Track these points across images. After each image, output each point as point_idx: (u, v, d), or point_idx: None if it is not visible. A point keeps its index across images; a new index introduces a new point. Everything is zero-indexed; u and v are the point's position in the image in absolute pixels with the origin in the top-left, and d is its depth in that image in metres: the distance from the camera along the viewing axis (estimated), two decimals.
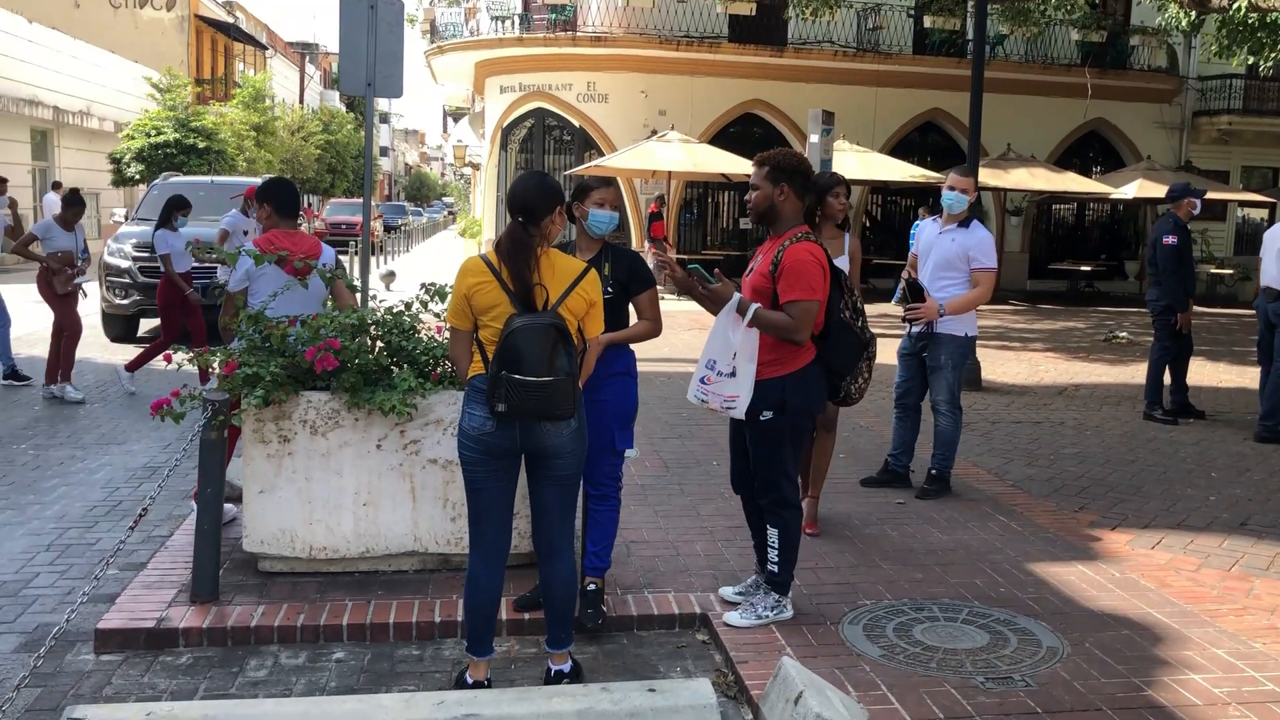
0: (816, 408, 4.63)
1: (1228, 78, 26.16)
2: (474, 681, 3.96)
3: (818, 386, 4.53)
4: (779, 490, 4.51)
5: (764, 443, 4.49)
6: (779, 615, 4.57)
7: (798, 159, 4.50)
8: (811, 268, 4.34)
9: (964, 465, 7.22)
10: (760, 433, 4.47)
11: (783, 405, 4.41)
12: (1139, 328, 17.13)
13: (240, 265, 5.56)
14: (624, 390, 4.65)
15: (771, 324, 4.33)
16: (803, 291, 4.31)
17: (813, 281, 4.33)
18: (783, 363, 4.41)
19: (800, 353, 4.43)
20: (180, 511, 6.03)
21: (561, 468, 3.89)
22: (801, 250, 4.36)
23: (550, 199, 3.84)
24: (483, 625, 3.98)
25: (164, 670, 4.20)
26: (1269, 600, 5.03)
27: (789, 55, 23.42)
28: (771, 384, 4.39)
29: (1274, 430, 8.54)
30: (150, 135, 25.72)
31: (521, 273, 3.74)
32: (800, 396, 4.45)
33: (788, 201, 4.45)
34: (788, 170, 4.44)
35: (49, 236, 9.62)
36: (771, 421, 4.43)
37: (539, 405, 3.68)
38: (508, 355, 3.64)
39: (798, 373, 4.43)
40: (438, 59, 27.12)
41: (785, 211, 4.47)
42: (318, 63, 61.79)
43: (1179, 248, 9.02)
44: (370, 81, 7.85)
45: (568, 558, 4.02)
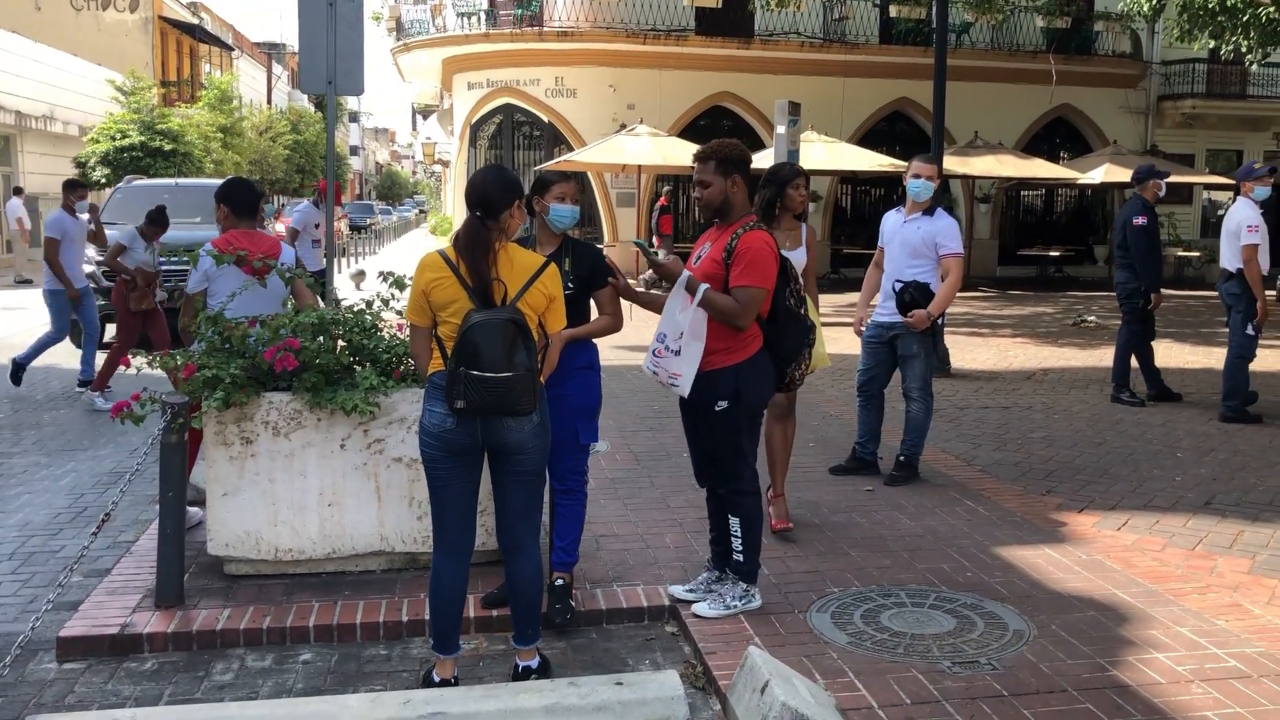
0: (769, 393, 4.69)
1: (1190, 62, 26.39)
2: (441, 680, 3.94)
3: (769, 373, 4.59)
4: (738, 478, 4.54)
5: (722, 432, 4.51)
6: (747, 605, 4.57)
7: (740, 148, 4.57)
8: (765, 256, 4.40)
9: (932, 451, 7.25)
10: (716, 422, 4.50)
11: (737, 394, 4.44)
12: (1107, 312, 17.25)
13: (199, 266, 5.51)
14: (587, 384, 4.64)
15: (718, 307, 4.37)
16: (754, 278, 4.36)
17: (766, 270, 4.39)
18: (732, 351, 4.44)
19: (750, 341, 4.48)
20: (146, 516, 5.98)
21: (524, 463, 3.88)
22: (756, 238, 4.42)
23: (509, 193, 3.83)
24: (448, 623, 3.96)
25: (128, 677, 4.16)
26: (1232, 578, 5.08)
27: (756, 47, 23.45)
28: (724, 373, 4.43)
29: (1237, 409, 8.63)
30: (115, 139, 25.49)
31: (479, 268, 3.72)
32: (754, 384, 4.49)
33: (739, 191, 4.51)
34: (735, 160, 4.51)
35: (133, 247, 9.49)
36: (728, 411, 4.46)
37: (498, 401, 3.66)
38: (466, 351, 3.62)
39: (749, 360, 4.47)
40: (405, 56, 27.02)
41: (737, 201, 4.53)
42: (285, 63, 61.27)
43: (1148, 229, 9.09)
44: (331, 79, 7.81)
45: (533, 553, 4.01)
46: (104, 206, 14.06)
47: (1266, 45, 16.93)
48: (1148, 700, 3.80)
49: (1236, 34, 16.59)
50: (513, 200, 3.83)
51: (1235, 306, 8.56)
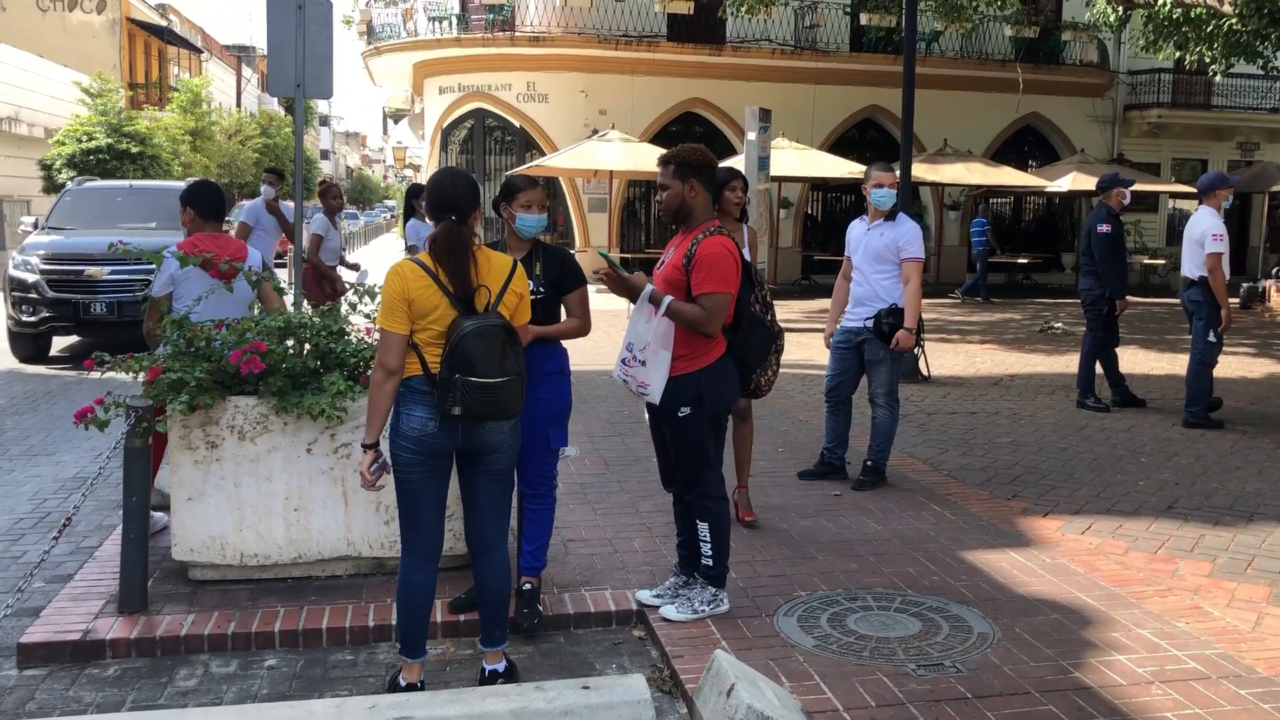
0: (731, 399, 4.66)
1: (1156, 72, 26.73)
2: (408, 684, 3.93)
3: (731, 379, 4.58)
4: (704, 484, 4.54)
5: (685, 438, 4.51)
6: (715, 609, 4.57)
7: (701, 153, 4.53)
8: (725, 261, 4.38)
9: (900, 456, 7.30)
10: (680, 428, 4.50)
11: (699, 399, 4.43)
12: (1074, 318, 17.40)
13: (163, 270, 5.47)
14: (558, 388, 4.65)
15: (684, 316, 4.37)
16: (716, 284, 4.35)
17: (726, 275, 4.38)
18: (695, 357, 4.43)
19: (712, 347, 4.47)
20: (110, 522, 5.93)
21: (497, 463, 3.90)
22: (715, 244, 4.40)
23: (475, 196, 3.89)
24: (417, 627, 3.95)
25: (90, 683, 4.12)
26: (1192, 581, 5.15)
27: (728, 54, 23.53)
28: (686, 379, 4.42)
29: (1200, 415, 8.73)
30: (82, 141, 25.22)
31: (463, 274, 3.73)
32: (716, 389, 4.48)
33: (698, 196, 4.50)
34: (694, 165, 4.48)
35: (329, 236, 9.40)
36: (690, 416, 4.45)
37: (492, 405, 3.71)
38: (460, 359, 3.63)
39: (711, 366, 4.46)
40: (375, 60, 26.90)
41: (697, 206, 4.51)
42: (254, 66, 60.89)
43: (1113, 236, 9.19)
44: (300, 82, 7.77)
45: (502, 553, 4.01)
46: (51, 210, 13.04)
47: (1230, 56, 17.16)
48: (1109, 701, 3.84)
49: (1201, 44, 16.81)
50: (478, 203, 3.87)
51: (1197, 314, 8.67)
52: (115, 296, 11.30)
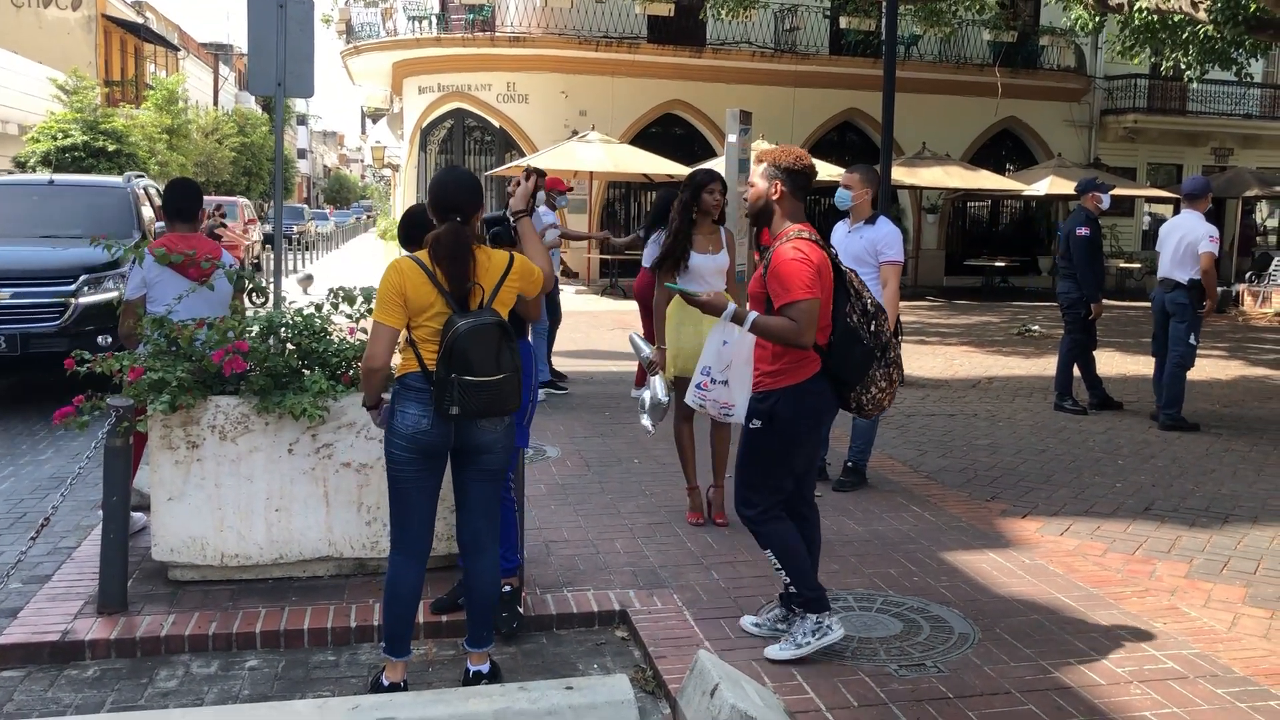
0: (814, 424, 4.24)
1: (1132, 77, 26.95)
2: (390, 684, 3.92)
3: (816, 402, 4.17)
4: (753, 506, 4.22)
5: (748, 450, 4.24)
6: (822, 639, 4.17)
7: (796, 155, 4.26)
8: (799, 266, 4.01)
9: (879, 458, 7.33)
10: (748, 439, 4.24)
11: (772, 417, 4.14)
12: (1051, 321, 17.53)
13: (134, 273, 5.43)
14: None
15: (772, 331, 4.04)
16: (796, 292, 3.98)
17: (803, 279, 3.99)
18: (783, 374, 4.12)
19: (801, 365, 4.10)
20: (88, 522, 5.88)
21: (490, 462, 3.91)
22: (788, 250, 4.06)
23: (478, 195, 3.89)
24: (402, 626, 3.95)
25: (69, 684, 4.09)
26: (1170, 582, 5.20)
27: (708, 56, 23.57)
28: (768, 395, 4.15)
29: (1176, 418, 8.81)
30: (57, 138, 25.00)
31: (461, 274, 3.74)
32: (790, 411, 4.12)
33: (783, 200, 4.22)
34: (783, 167, 4.21)
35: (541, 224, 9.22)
36: (759, 431, 4.17)
37: (489, 403, 3.73)
38: (457, 358, 3.65)
39: (795, 386, 4.11)
40: (354, 59, 26.82)
41: (780, 210, 4.24)
42: (232, 64, 60.51)
43: (1091, 239, 9.26)
44: (280, 81, 7.73)
45: (493, 554, 4.03)
46: None
47: (1205, 62, 17.32)
48: (1089, 701, 3.88)
49: (1176, 50, 16.96)
50: (480, 202, 3.87)
51: (1178, 316, 8.75)
52: (16, 327, 8.52)
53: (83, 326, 8.66)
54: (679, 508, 6.11)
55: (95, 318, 8.73)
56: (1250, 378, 12.14)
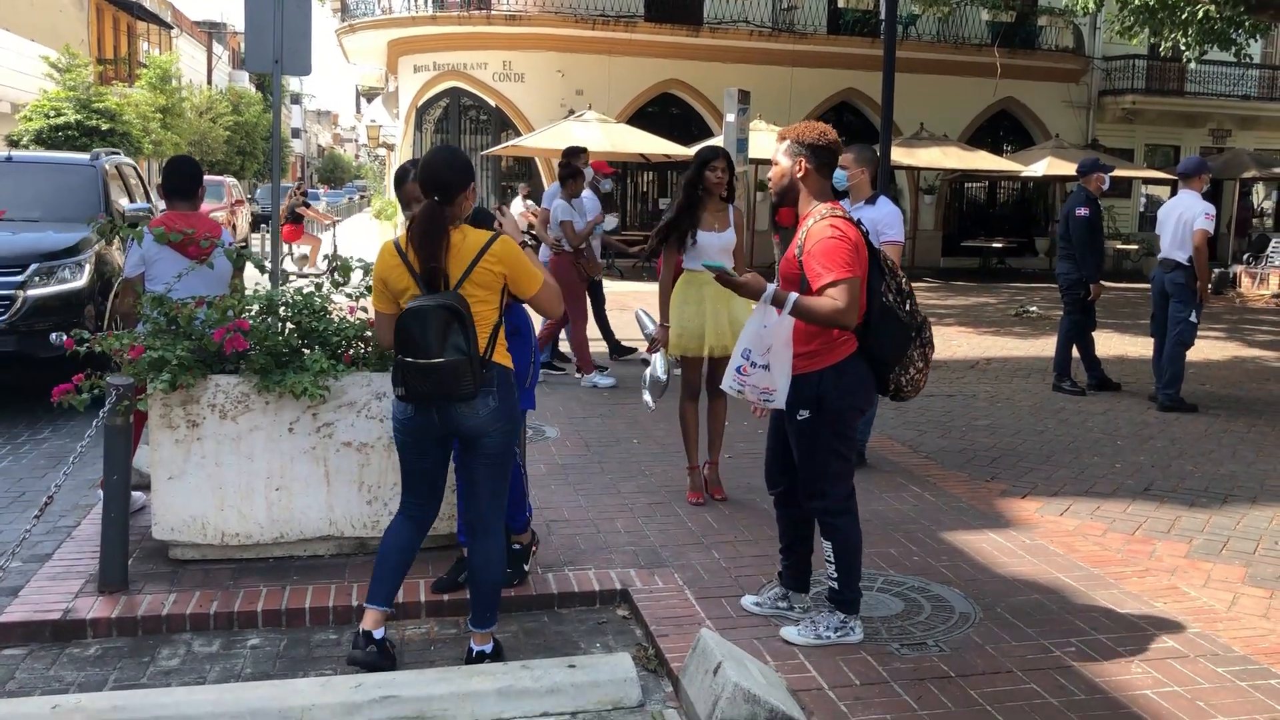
0: (860, 403, 4.17)
1: (1131, 58, 26.88)
2: (363, 631, 3.94)
3: (860, 380, 4.11)
4: (824, 497, 4.13)
5: (804, 443, 4.13)
6: (845, 638, 4.14)
7: (819, 131, 4.15)
8: (838, 244, 3.92)
9: (879, 438, 7.33)
10: (799, 433, 4.13)
11: (819, 402, 4.04)
12: (1049, 302, 17.54)
13: (133, 251, 5.40)
14: (515, 353, 4.60)
15: (816, 313, 3.91)
16: (837, 271, 3.87)
17: (843, 258, 3.89)
18: (819, 355, 4.05)
19: (838, 344, 4.04)
20: (86, 501, 5.86)
21: (487, 446, 3.88)
22: (824, 228, 3.97)
23: (465, 175, 3.83)
24: (388, 574, 3.99)
25: (71, 662, 4.09)
26: (1170, 561, 5.21)
27: (705, 35, 23.46)
28: (807, 379, 4.04)
29: (1175, 398, 8.82)
30: (50, 116, 24.87)
31: (428, 255, 3.72)
32: (839, 392, 4.04)
33: (808, 177, 4.12)
34: (807, 144, 4.11)
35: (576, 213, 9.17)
36: (809, 421, 4.07)
37: (434, 387, 3.68)
38: (401, 338, 3.68)
39: (835, 366, 4.04)
40: (349, 38, 26.67)
41: (807, 188, 4.14)
42: (225, 43, 60.15)
43: (1091, 220, 9.25)
44: (278, 58, 7.68)
45: (497, 537, 4.01)
46: None
47: (1204, 42, 17.28)
48: (1090, 680, 3.89)
49: (1175, 31, 16.91)
50: (468, 183, 3.82)
51: (1177, 296, 8.75)
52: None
53: (33, 323, 7.61)
54: (679, 488, 6.11)
55: (48, 312, 7.70)
56: (1248, 359, 12.15)
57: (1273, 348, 13.15)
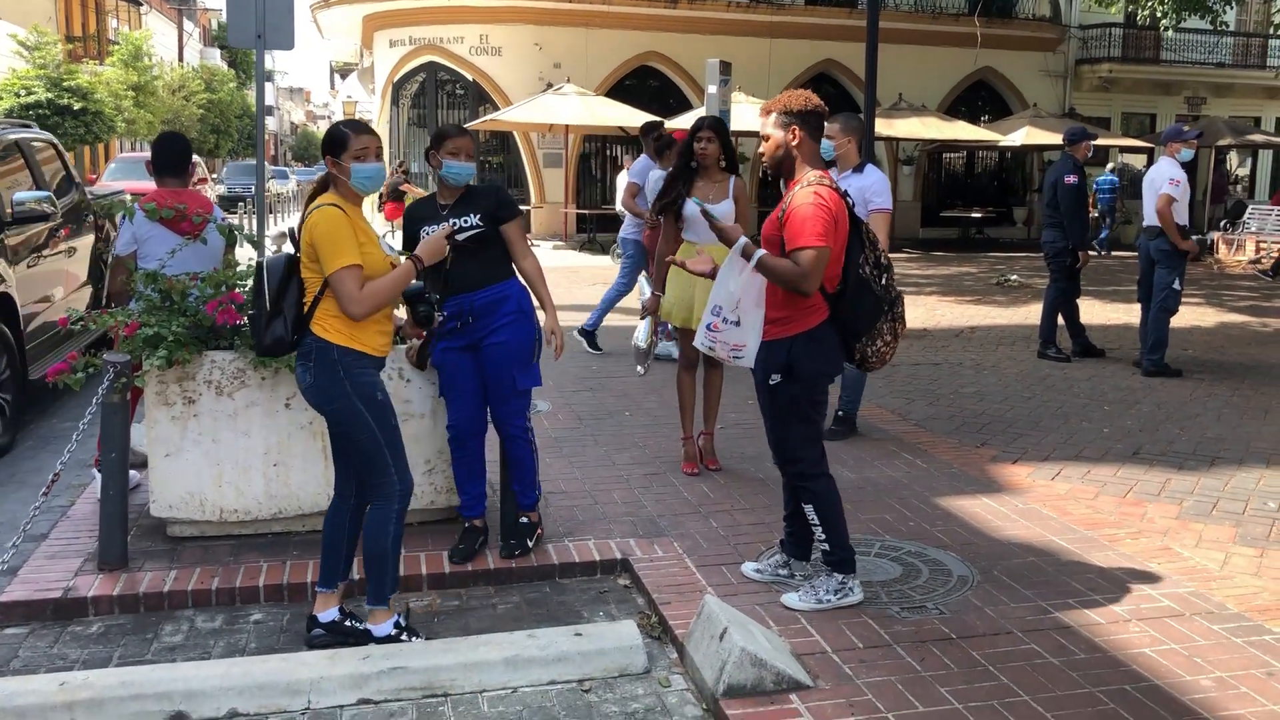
0: (830, 369, 4.21)
1: (1107, 26, 26.95)
2: (309, 615, 4.00)
3: (830, 348, 4.15)
4: (799, 461, 4.19)
5: (776, 409, 4.20)
6: (844, 599, 4.17)
7: (805, 97, 4.15)
8: (817, 212, 3.94)
9: (868, 406, 7.37)
10: (771, 399, 4.19)
11: (790, 368, 4.08)
12: (1029, 271, 17.65)
13: (124, 229, 5.37)
14: (520, 331, 4.63)
15: (777, 271, 3.98)
16: (809, 238, 3.92)
17: (818, 228, 3.92)
18: (790, 322, 4.08)
19: (811, 311, 4.08)
20: (80, 480, 5.83)
21: (327, 419, 3.93)
22: (808, 195, 3.99)
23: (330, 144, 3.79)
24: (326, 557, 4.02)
25: (74, 640, 4.08)
26: (1161, 523, 5.27)
27: (683, 7, 23.36)
28: (778, 345, 4.10)
29: (1159, 364, 8.90)
30: (20, 95, 24.55)
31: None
32: (809, 358, 4.09)
33: (802, 145, 4.12)
34: (797, 112, 4.11)
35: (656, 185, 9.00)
36: (781, 386, 4.12)
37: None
38: None
39: (807, 333, 4.08)
40: (324, 13, 26.37)
41: (801, 155, 4.14)
42: (196, 19, 59.37)
43: (1079, 187, 9.28)
44: (260, 33, 7.59)
45: (377, 507, 3.89)
46: None
47: (1181, 10, 17.33)
48: (1089, 639, 3.94)
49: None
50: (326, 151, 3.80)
51: (1163, 262, 8.81)
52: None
53: None
54: (673, 459, 6.14)
55: None
56: (1229, 324, 12.27)
57: (1253, 313, 13.27)
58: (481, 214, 4.52)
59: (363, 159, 3.75)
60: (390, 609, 3.97)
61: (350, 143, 3.74)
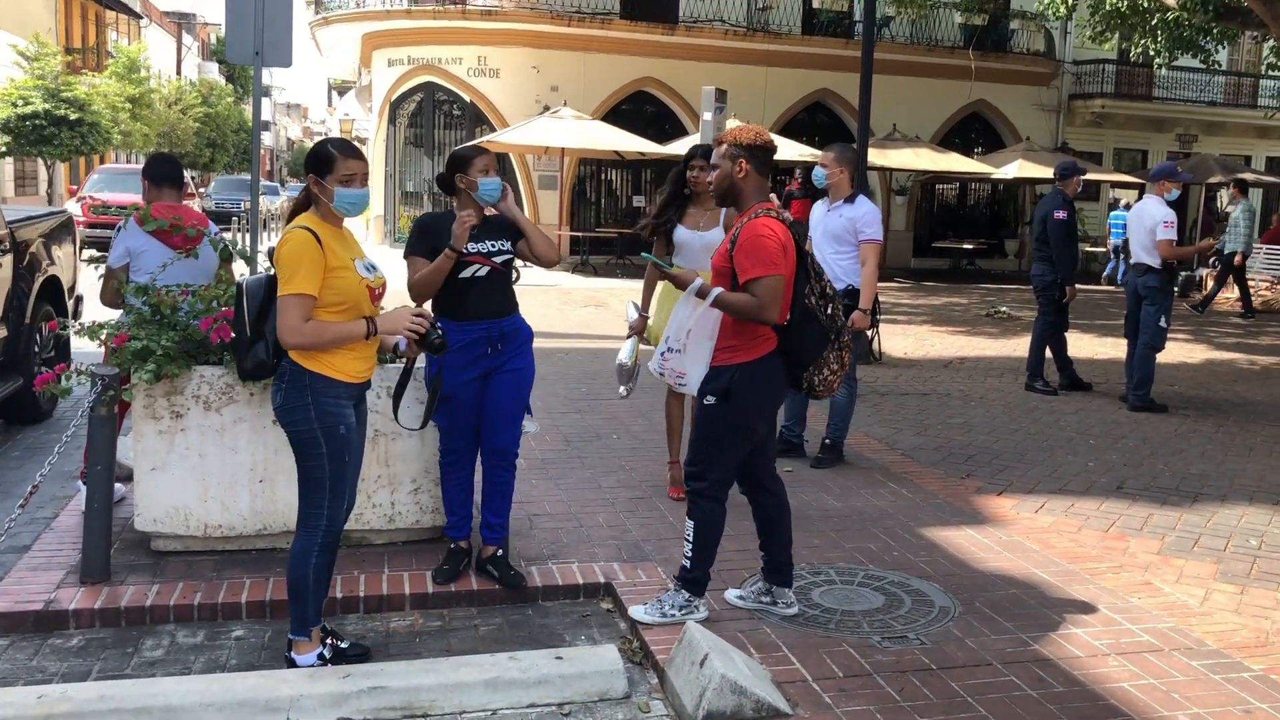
0: (766, 401, 4.29)
1: (1101, 62, 27.17)
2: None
3: (771, 379, 4.24)
4: (703, 480, 4.27)
5: (703, 425, 4.28)
6: (689, 616, 4.27)
7: (755, 132, 4.28)
8: (767, 243, 4.06)
9: (855, 435, 7.39)
10: (703, 414, 4.28)
11: (727, 393, 4.17)
12: (1019, 303, 17.72)
13: (119, 241, 5.38)
14: (530, 359, 4.74)
15: (735, 307, 4.08)
16: (761, 268, 4.02)
17: (770, 256, 4.04)
18: (738, 350, 4.17)
19: (759, 341, 4.17)
20: (64, 492, 5.83)
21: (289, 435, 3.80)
22: (758, 226, 4.10)
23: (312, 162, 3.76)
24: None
25: (54, 653, 4.07)
26: (1144, 558, 5.29)
27: (680, 34, 23.49)
28: (722, 371, 4.18)
29: (1145, 399, 8.95)
30: (17, 105, 24.60)
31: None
32: (745, 386, 4.17)
33: (748, 178, 4.22)
34: (745, 146, 4.22)
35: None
36: (714, 407, 4.20)
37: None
38: None
39: (750, 362, 4.16)
40: (323, 30, 26.49)
41: (747, 188, 4.24)
42: (195, 34, 59.58)
43: (1068, 222, 9.35)
44: (258, 49, 7.63)
45: (301, 535, 3.81)
46: None
47: (1174, 49, 17.51)
48: (1068, 673, 3.95)
49: (1146, 36, 17.13)
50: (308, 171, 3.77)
51: (1150, 300, 8.88)
52: None
53: None
54: (659, 482, 6.15)
55: None
56: (1215, 360, 12.34)
57: (1240, 350, 13.35)
58: (507, 238, 4.58)
59: (348, 184, 3.70)
60: (314, 640, 3.87)
61: (337, 166, 3.69)
